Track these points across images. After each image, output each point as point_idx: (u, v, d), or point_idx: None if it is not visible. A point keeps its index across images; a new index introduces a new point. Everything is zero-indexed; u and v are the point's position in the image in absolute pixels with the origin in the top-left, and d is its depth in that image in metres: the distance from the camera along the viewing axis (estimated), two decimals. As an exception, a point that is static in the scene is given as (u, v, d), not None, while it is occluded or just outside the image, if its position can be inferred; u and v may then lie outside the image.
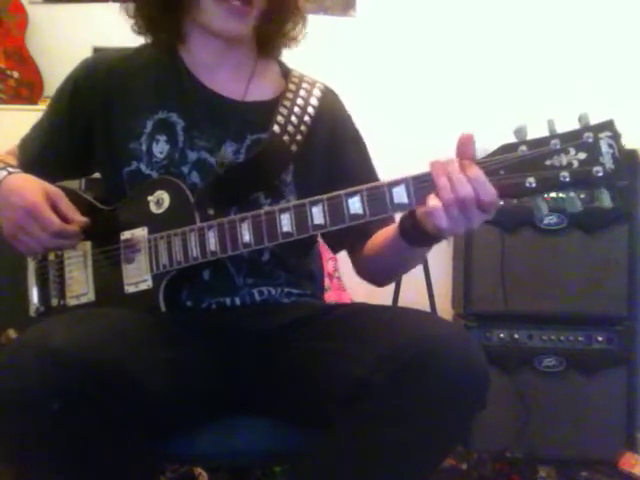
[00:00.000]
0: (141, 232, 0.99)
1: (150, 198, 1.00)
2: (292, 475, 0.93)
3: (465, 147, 0.84)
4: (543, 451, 1.96)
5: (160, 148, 1.03)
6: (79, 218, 0.96)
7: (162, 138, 1.04)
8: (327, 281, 1.24)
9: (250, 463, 1.09)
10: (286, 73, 1.16)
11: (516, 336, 2.02)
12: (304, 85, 1.12)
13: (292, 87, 1.11)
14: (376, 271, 1.13)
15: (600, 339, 2.00)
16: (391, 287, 1.85)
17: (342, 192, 0.88)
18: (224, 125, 1.05)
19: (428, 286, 1.85)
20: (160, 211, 0.99)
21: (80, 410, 0.72)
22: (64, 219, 0.94)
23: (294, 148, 1.06)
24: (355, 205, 0.87)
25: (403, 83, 2.49)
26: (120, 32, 1.14)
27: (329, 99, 1.15)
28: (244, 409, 0.98)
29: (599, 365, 1.99)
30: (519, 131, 0.83)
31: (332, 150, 1.12)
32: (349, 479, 0.81)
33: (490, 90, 2.46)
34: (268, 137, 1.04)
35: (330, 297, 1.85)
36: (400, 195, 0.86)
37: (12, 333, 1.01)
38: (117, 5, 1.11)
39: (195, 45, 1.09)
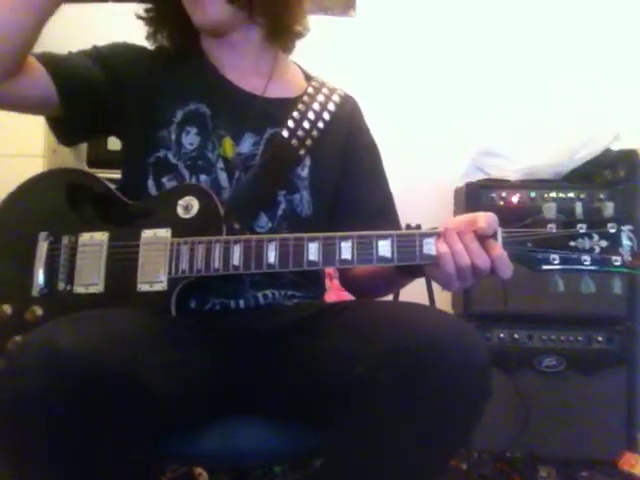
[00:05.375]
0: (165, 233, 0.98)
1: (180, 202, 1.00)
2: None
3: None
4: (543, 451, 1.96)
5: (190, 139, 1.06)
6: None
7: (193, 130, 1.06)
8: (327, 282, 1.25)
9: (250, 463, 1.09)
10: (308, 77, 1.21)
11: (516, 336, 2.02)
12: (324, 90, 1.17)
13: (311, 90, 1.16)
14: (360, 288, 1.17)
15: (600, 339, 2.00)
16: (391, 287, 1.85)
17: (374, 233, 0.91)
18: (245, 116, 1.08)
19: (428, 286, 1.85)
20: (187, 216, 0.99)
21: (83, 412, 0.72)
22: None
23: (308, 143, 1.10)
24: (385, 248, 0.89)
25: (403, 83, 2.49)
26: (120, 32, 1.14)
27: (348, 106, 1.19)
28: (245, 409, 0.98)
29: (599, 365, 1.99)
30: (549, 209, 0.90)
31: (346, 155, 1.16)
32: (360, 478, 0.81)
33: (490, 89, 2.46)
34: (280, 134, 1.08)
35: (330, 297, 1.84)
36: (429, 247, 0.89)
37: (7, 309, 0.99)
38: (117, 5, 1.11)
39: (207, 43, 1.15)
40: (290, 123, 1.10)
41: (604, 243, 0.87)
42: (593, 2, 2.47)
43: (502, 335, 2.02)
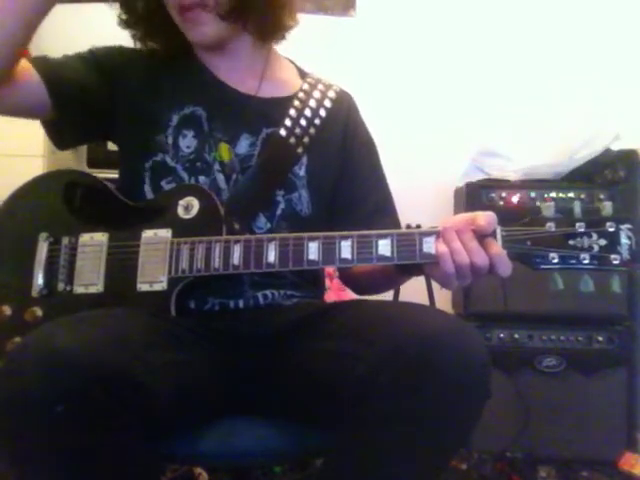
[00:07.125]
0: (165, 233, 0.99)
1: (180, 202, 1.00)
2: None
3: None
4: (543, 451, 1.96)
5: (187, 142, 1.06)
6: None
7: (189, 133, 1.07)
8: (327, 281, 1.25)
9: (250, 463, 1.09)
10: (303, 74, 1.20)
11: (516, 336, 2.02)
12: (320, 86, 1.17)
13: (307, 87, 1.16)
14: (360, 286, 1.17)
15: (600, 339, 2.00)
16: (391, 287, 1.85)
17: (373, 232, 0.91)
18: (240, 118, 1.08)
19: (428, 286, 1.85)
20: (187, 217, 1.00)
21: (83, 412, 0.72)
22: None
23: (305, 141, 1.10)
24: (385, 247, 0.90)
25: (403, 83, 2.49)
26: (120, 32, 1.14)
27: (344, 101, 1.19)
28: (245, 409, 0.98)
29: (599, 365, 1.99)
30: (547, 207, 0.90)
31: (344, 153, 1.15)
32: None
33: (490, 89, 2.46)
34: (277, 133, 1.08)
35: (330, 297, 1.85)
36: (429, 246, 0.89)
37: (7, 309, 0.99)
38: (117, 5, 1.11)
39: (200, 49, 1.14)
40: (287, 121, 1.10)
41: (603, 242, 0.87)
42: (593, 2, 2.47)
43: (502, 335, 2.02)
